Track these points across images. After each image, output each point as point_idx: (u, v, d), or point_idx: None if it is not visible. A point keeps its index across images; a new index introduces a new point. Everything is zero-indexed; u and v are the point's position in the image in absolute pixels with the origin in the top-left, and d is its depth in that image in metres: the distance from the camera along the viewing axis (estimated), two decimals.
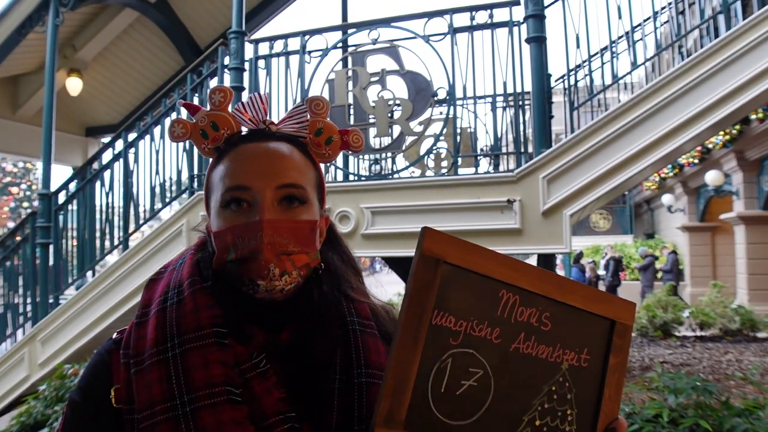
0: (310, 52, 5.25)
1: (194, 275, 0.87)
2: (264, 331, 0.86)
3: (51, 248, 6.23)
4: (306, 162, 0.91)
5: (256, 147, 0.88)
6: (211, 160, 0.93)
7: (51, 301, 6.05)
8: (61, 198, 6.35)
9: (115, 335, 0.91)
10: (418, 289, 0.70)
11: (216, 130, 0.89)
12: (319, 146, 0.94)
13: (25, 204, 33.17)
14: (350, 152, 1.08)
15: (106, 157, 6.25)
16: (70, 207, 6.33)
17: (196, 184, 5.57)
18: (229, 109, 0.91)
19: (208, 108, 0.90)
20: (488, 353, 0.75)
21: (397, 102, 4.93)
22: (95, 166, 6.27)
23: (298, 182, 0.87)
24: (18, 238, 6.65)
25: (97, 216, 6.15)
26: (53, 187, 6.43)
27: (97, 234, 6.06)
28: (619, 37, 5.13)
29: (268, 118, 0.92)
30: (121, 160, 5.97)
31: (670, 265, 13.78)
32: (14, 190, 34.99)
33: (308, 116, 0.93)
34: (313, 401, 0.83)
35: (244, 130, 0.92)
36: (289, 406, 0.81)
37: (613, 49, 4.90)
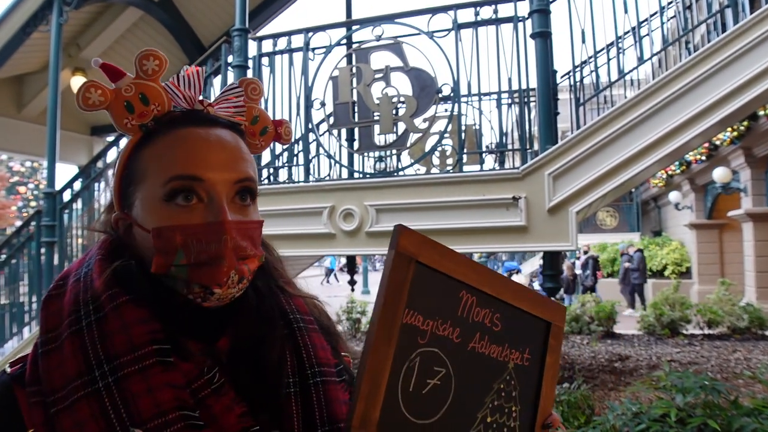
0: (313, 50, 5.22)
1: (112, 286, 0.72)
2: (199, 342, 0.75)
3: (56, 247, 6.24)
4: (248, 152, 0.81)
5: (204, 133, 0.75)
6: (127, 139, 0.78)
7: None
8: (66, 197, 6.37)
9: (8, 368, 0.75)
10: (393, 289, 0.69)
11: (146, 103, 0.74)
12: (253, 136, 0.85)
13: (33, 203, 33.30)
14: (281, 143, 0.97)
15: (111, 155, 6.25)
16: (74, 206, 6.33)
17: None
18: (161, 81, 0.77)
19: (134, 75, 0.75)
20: (450, 352, 0.76)
21: (402, 99, 4.89)
22: (99, 164, 6.28)
23: (251, 175, 0.77)
24: (23, 237, 6.66)
25: (92, 217, 6.14)
26: (58, 186, 6.44)
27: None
28: (626, 33, 5.08)
29: (201, 97, 0.80)
30: None
31: (637, 263, 13.82)
32: (22, 189, 35.16)
33: (242, 101, 0.83)
34: (273, 409, 0.75)
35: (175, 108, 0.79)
36: (251, 420, 0.73)
37: (620, 45, 4.86)
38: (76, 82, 8.52)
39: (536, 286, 16.38)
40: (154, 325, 0.70)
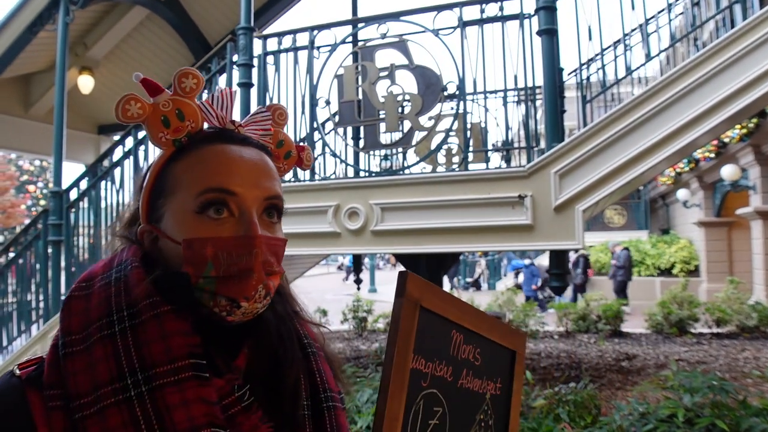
0: (318, 48, 5.21)
1: (153, 295, 0.71)
2: (220, 358, 0.75)
3: (63, 245, 6.26)
4: (277, 173, 0.83)
5: (237, 150, 0.78)
6: (160, 153, 0.80)
7: (63, 298, 6.06)
8: (73, 195, 6.38)
9: (16, 370, 0.72)
10: (404, 336, 0.71)
11: (181, 119, 0.77)
12: (278, 159, 0.87)
13: (42, 202, 33.49)
14: (302, 168, 0.99)
15: (117, 154, 6.26)
16: (81, 204, 6.35)
17: None
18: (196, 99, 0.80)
19: (172, 92, 0.78)
20: (446, 392, 0.80)
21: (407, 97, 4.87)
22: (105, 163, 6.29)
23: (280, 193, 0.80)
24: (30, 236, 6.69)
25: (110, 213, 6.16)
26: (65, 185, 6.46)
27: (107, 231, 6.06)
28: (633, 30, 5.05)
29: (232, 118, 0.83)
30: (132, 157, 5.98)
31: (623, 261, 13.95)
32: (31, 188, 35.37)
33: (269, 125, 0.85)
34: (292, 430, 0.76)
35: (205, 126, 0.81)
36: None
37: (627, 42, 4.82)
38: (83, 81, 8.55)
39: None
40: (194, 338, 0.70)
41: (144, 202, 0.80)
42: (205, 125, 0.80)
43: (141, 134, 6.01)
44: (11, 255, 6.95)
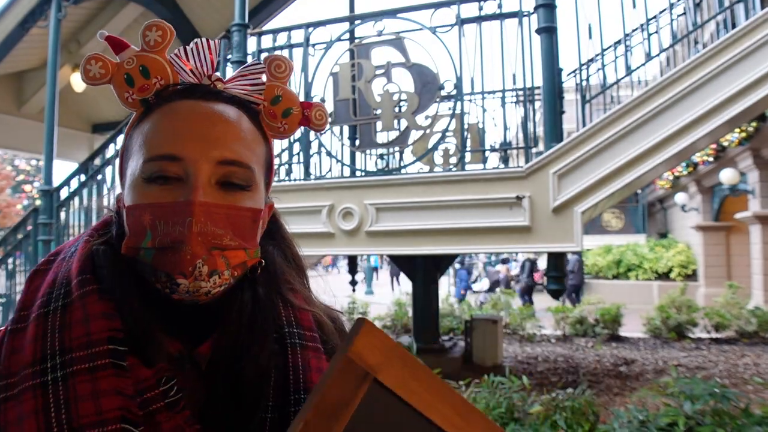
0: (314, 45, 5.13)
1: (85, 272, 0.67)
2: (179, 341, 0.67)
3: (52, 245, 6.16)
4: (256, 134, 0.72)
5: (195, 106, 0.68)
6: (132, 115, 0.73)
7: None
8: (64, 194, 6.28)
9: None
10: (329, 409, 0.51)
11: (146, 77, 0.69)
12: (274, 117, 0.74)
13: (38, 202, 33.36)
14: (312, 129, 0.84)
15: (109, 152, 6.16)
16: (72, 203, 6.25)
17: None
18: (167, 54, 0.71)
19: (140, 48, 0.70)
20: None
21: (403, 96, 4.79)
22: (97, 161, 6.19)
23: (244, 160, 0.68)
24: (20, 236, 6.58)
25: (101, 212, 6.06)
26: (56, 184, 6.36)
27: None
28: (633, 30, 4.97)
29: (214, 72, 0.72)
30: None
31: (572, 266, 13.96)
32: (27, 188, 35.24)
33: (265, 78, 0.74)
34: None
35: (182, 82, 0.72)
36: None
37: (627, 42, 4.74)
38: (77, 78, 8.45)
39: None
40: (115, 321, 0.64)
41: (119, 167, 0.74)
42: (182, 82, 0.71)
43: None
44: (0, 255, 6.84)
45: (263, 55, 5.30)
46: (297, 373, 0.71)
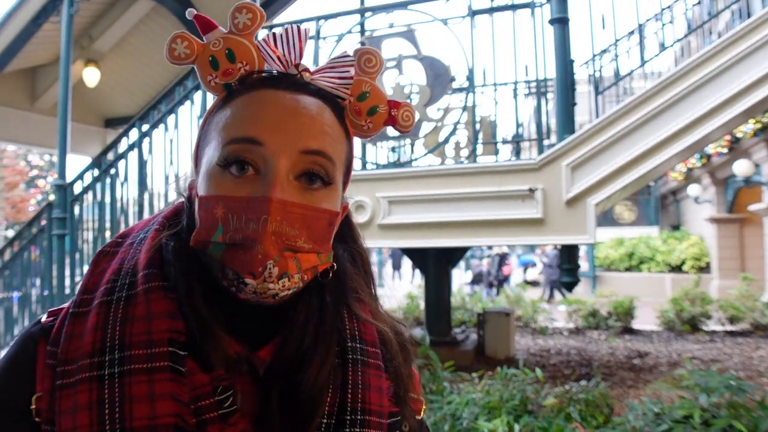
0: (325, 38, 5.12)
1: (153, 265, 0.64)
2: (240, 344, 0.64)
3: (67, 239, 6.21)
4: (339, 130, 0.68)
5: (280, 96, 0.65)
6: (213, 100, 0.70)
7: (67, 292, 6.02)
8: (78, 189, 6.32)
9: (44, 318, 0.68)
10: None
11: (232, 60, 0.65)
12: (359, 114, 0.70)
13: (52, 197, 33.63)
14: (398, 130, 0.73)
15: (122, 146, 6.19)
16: (86, 197, 6.29)
17: None
18: (255, 38, 0.68)
19: (227, 30, 0.67)
20: None
21: (415, 88, 4.78)
22: (110, 156, 6.22)
23: (328, 151, 0.64)
24: (34, 230, 6.64)
25: (115, 206, 6.10)
26: (70, 178, 6.41)
27: (111, 225, 6.00)
28: (647, 20, 4.92)
29: (302, 61, 0.69)
30: (136, 150, 5.91)
31: (551, 260, 14.42)
32: (41, 183, 35.51)
33: (353, 72, 0.70)
34: None
35: (268, 70, 0.69)
36: None
37: (641, 33, 4.70)
38: (89, 73, 8.49)
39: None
40: (177, 322, 0.61)
41: (194, 153, 0.72)
42: (268, 69, 0.69)
43: (145, 127, 5.92)
44: (16, 249, 6.90)
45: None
46: (356, 392, 0.67)
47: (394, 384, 0.72)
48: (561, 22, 4.32)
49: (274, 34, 0.68)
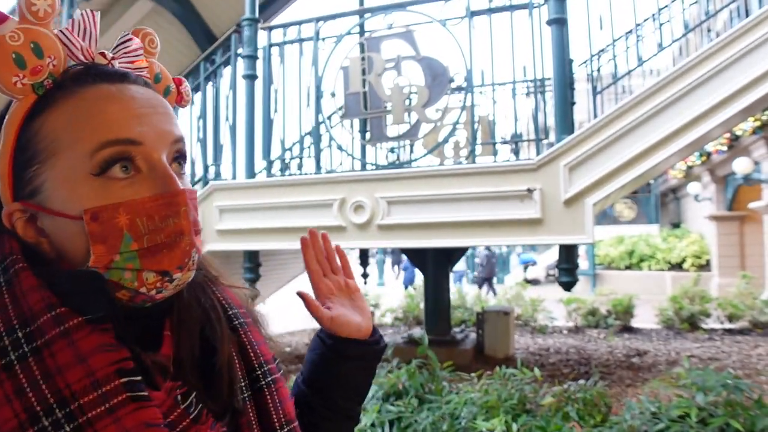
0: (324, 39, 5.14)
1: (54, 306, 0.54)
2: (144, 353, 0.60)
3: None
4: None
5: (124, 89, 0.61)
6: (14, 105, 0.60)
7: None
8: None
9: None
10: None
11: (39, 56, 0.57)
12: None
13: None
14: (182, 106, 0.74)
15: None
16: None
17: (212, 174, 5.51)
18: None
19: (21, 18, 0.57)
20: None
21: (413, 89, 4.80)
22: None
23: (184, 135, 0.65)
24: None
25: None
26: None
27: None
28: (645, 19, 4.94)
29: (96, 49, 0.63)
30: None
31: (482, 260, 15.21)
32: None
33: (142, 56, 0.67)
34: (234, 425, 0.66)
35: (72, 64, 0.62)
36: None
37: (639, 32, 4.71)
38: None
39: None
40: (121, 352, 0.54)
41: (5, 174, 0.60)
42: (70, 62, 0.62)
43: None
44: None
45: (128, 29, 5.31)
46: (255, 349, 0.72)
47: (261, 332, 0.77)
48: (559, 22, 4.33)
49: (73, 21, 0.62)
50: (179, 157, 0.64)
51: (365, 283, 8.14)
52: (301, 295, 0.88)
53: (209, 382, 0.65)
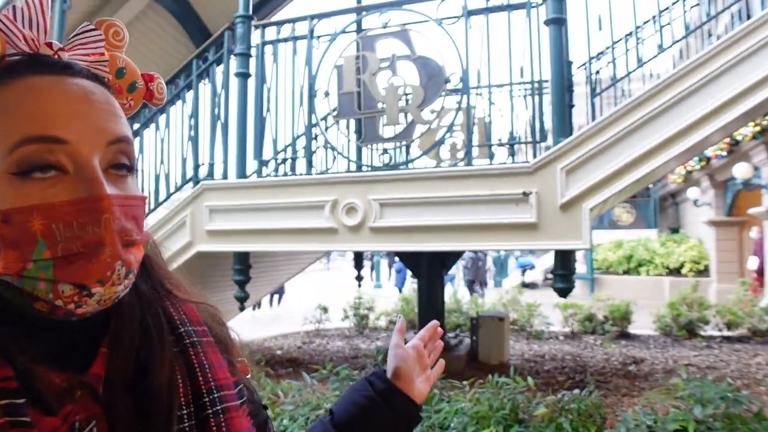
0: (318, 37, 5.04)
1: None
2: (64, 372, 0.55)
3: None
4: (121, 111, 0.61)
5: (60, 81, 0.55)
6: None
7: None
8: None
9: None
10: None
11: None
12: (120, 93, 0.64)
13: None
14: (154, 104, 0.69)
15: None
16: None
17: (203, 173, 5.41)
18: None
19: None
20: None
21: (408, 89, 4.70)
22: None
23: (129, 136, 0.59)
24: None
25: None
26: None
27: None
28: (645, 21, 4.85)
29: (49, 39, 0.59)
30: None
31: (467, 262, 15.41)
32: None
33: (104, 47, 0.63)
34: None
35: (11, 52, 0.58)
36: None
37: (639, 34, 4.63)
38: None
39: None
40: (4, 369, 0.50)
41: None
42: (11, 52, 0.57)
43: (135, 126, 5.85)
44: None
45: (93, 20, 5.23)
46: (204, 373, 0.63)
47: (225, 354, 0.69)
48: (557, 22, 4.23)
49: (14, 8, 0.56)
50: (120, 160, 0.58)
51: (359, 285, 8.05)
52: (401, 322, 0.96)
53: (144, 407, 0.58)
